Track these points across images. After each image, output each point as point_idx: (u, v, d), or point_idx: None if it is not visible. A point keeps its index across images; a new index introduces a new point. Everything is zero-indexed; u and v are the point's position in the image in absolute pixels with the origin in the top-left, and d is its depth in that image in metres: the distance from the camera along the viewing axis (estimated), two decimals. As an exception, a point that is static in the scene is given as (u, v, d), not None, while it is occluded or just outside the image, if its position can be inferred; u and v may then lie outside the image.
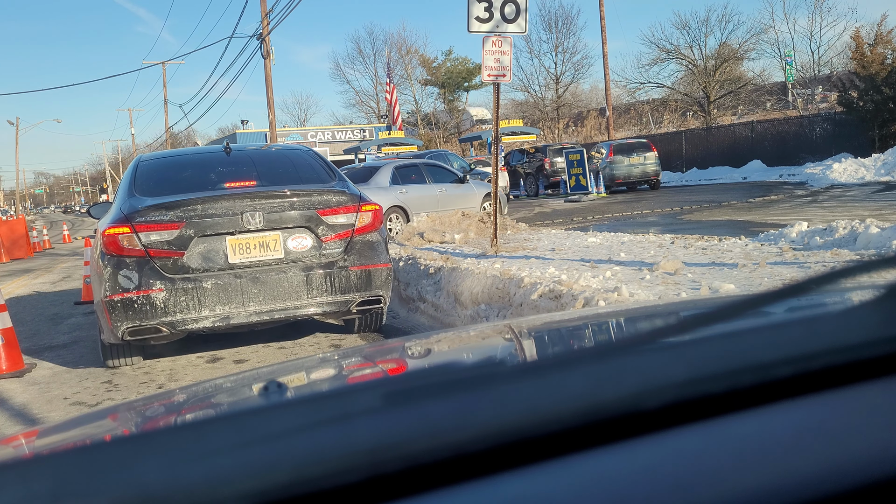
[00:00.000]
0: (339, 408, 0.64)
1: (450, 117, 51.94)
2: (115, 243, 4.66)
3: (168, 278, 4.66)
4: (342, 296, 4.97)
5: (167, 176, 5.32)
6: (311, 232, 4.96)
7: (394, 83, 36.35)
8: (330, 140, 40.02)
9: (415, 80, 53.34)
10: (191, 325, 4.70)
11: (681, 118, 38.57)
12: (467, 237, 8.85)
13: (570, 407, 0.61)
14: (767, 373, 0.66)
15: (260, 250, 4.86)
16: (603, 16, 27.84)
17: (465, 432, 0.57)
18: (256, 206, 4.83)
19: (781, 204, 13.78)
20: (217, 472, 0.54)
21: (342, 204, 5.05)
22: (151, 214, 4.71)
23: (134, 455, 0.57)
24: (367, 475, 0.54)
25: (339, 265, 4.98)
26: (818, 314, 0.92)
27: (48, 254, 19.54)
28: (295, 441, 0.57)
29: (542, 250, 7.37)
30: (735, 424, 0.61)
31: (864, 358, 0.68)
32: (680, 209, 14.63)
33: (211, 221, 4.76)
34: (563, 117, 45.12)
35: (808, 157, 21.94)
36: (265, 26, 23.34)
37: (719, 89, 36.10)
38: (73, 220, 62.37)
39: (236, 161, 5.50)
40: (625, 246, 7.23)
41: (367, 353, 1.67)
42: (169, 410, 1.17)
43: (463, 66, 52.99)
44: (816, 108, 30.19)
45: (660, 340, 0.75)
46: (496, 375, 0.69)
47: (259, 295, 4.79)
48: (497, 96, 7.33)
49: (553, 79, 46.09)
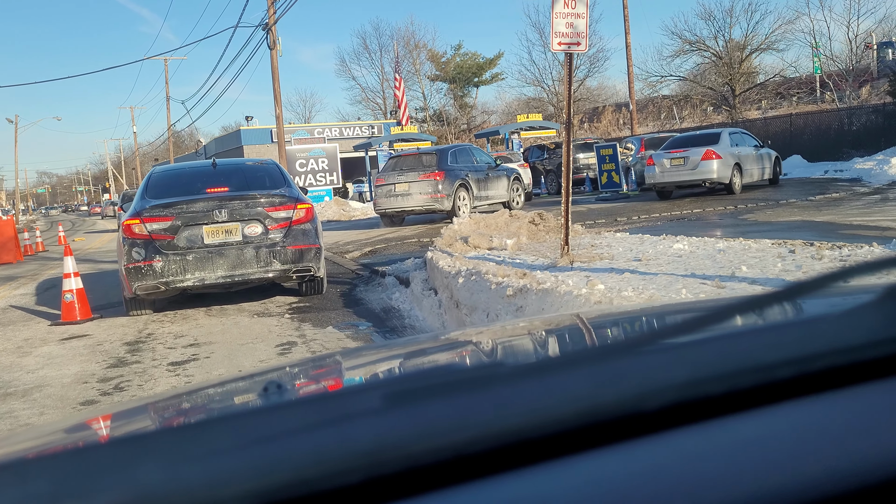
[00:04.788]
0: (339, 408, 0.65)
1: (460, 113, 50.49)
2: (131, 230, 6.86)
3: (164, 253, 6.77)
4: (282, 265, 7.00)
5: (169, 184, 7.55)
6: (260, 223, 7.00)
7: (401, 77, 34.89)
8: (337, 137, 38.61)
9: (423, 76, 51.91)
10: (178, 285, 6.84)
11: (702, 113, 37.04)
12: (520, 242, 7.44)
13: (570, 408, 0.61)
14: (768, 374, 0.66)
15: (225, 235, 6.93)
16: (626, 3, 26.34)
17: (465, 433, 0.58)
18: (223, 206, 6.96)
19: (849, 202, 12.41)
20: (217, 472, 0.54)
21: (284, 203, 7.11)
22: (154, 211, 6.89)
23: (133, 455, 0.58)
24: (367, 476, 0.54)
25: (280, 245, 6.99)
26: (819, 315, 0.92)
27: (40, 258, 18.09)
28: (294, 442, 0.57)
29: (624, 260, 5.94)
30: (736, 426, 0.61)
31: (865, 359, 0.68)
32: (734, 207, 13.20)
33: (192, 215, 6.89)
34: (577, 113, 43.65)
35: (854, 152, 20.48)
36: (271, 15, 21.97)
37: (745, 82, 34.49)
38: (73, 219, 61.19)
39: (218, 173, 7.71)
40: (728, 255, 5.79)
41: (367, 354, 1.66)
42: (168, 411, 1.17)
43: (473, 60, 51.58)
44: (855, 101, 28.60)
45: (660, 341, 0.75)
46: (496, 376, 0.69)
47: (224, 264, 6.87)
48: (570, 70, 5.93)
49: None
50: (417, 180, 14.90)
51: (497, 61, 49.99)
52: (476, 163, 16.04)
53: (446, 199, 14.79)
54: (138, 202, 7.13)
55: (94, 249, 19.22)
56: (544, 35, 44.34)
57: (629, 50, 26.44)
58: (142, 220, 6.79)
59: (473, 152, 16.44)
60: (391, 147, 27.11)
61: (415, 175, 14.98)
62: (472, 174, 15.50)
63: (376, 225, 16.92)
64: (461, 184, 15.08)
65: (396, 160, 15.91)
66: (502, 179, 16.59)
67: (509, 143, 27.27)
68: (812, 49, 35.33)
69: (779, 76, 35.82)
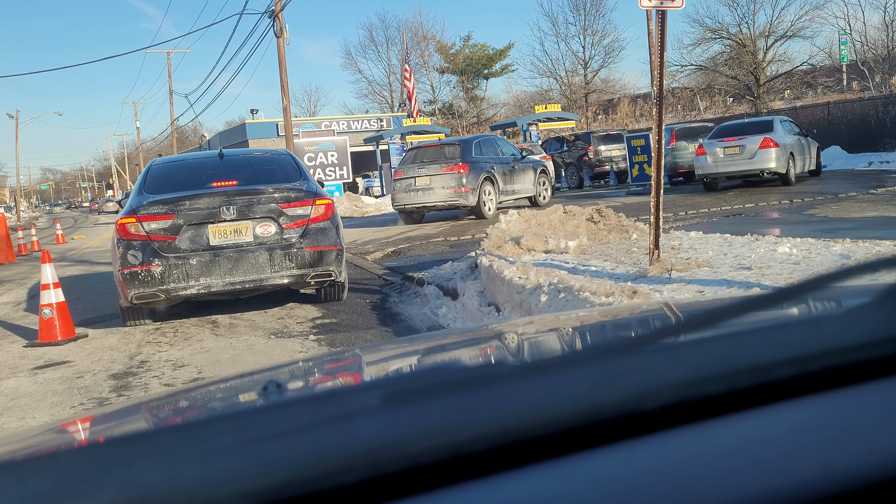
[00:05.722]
0: (339, 408, 0.65)
1: (469, 106, 49.26)
2: (126, 230, 5.98)
3: (164, 256, 5.91)
4: (299, 270, 6.12)
5: (170, 177, 6.64)
6: (274, 221, 6.13)
7: (411, 67, 33.65)
8: (345, 130, 37.44)
9: (431, 68, 50.70)
10: (181, 292, 5.95)
11: (722, 104, 35.68)
12: (581, 244, 6.29)
13: (569, 407, 0.61)
14: (767, 374, 0.66)
15: (234, 235, 6.08)
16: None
17: (465, 433, 0.57)
18: (231, 202, 6.06)
19: (918, 196, 11.23)
20: (216, 472, 0.54)
21: (300, 199, 6.23)
22: (151, 208, 6.01)
23: (133, 455, 0.57)
24: (367, 475, 0.53)
25: (296, 247, 6.12)
26: (818, 315, 0.92)
27: (35, 258, 16.89)
28: (294, 441, 0.57)
29: (729, 268, 4.83)
30: (735, 425, 0.61)
31: (865, 359, 0.68)
32: (790, 202, 12.03)
33: (196, 213, 6.01)
34: (591, 105, 42.39)
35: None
36: (278, 1, 20.83)
37: (769, 71, 33.08)
38: (76, 216, 60.16)
39: (225, 164, 6.83)
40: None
41: (367, 353, 1.64)
42: (168, 410, 1.16)
43: (483, 52, 50.39)
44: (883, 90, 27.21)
45: (660, 341, 0.75)
46: (496, 376, 0.69)
47: (233, 269, 5.99)
48: (663, 31, 4.76)
49: (581, 63, 43.34)
50: (440, 173, 13.74)
51: (507, 52, 48.83)
52: (501, 154, 14.93)
53: (471, 193, 13.64)
54: (135, 198, 6.31)
55: (91, 248, 18.04)
56: (557, 24, 43.07)
57: (650, 37, 25.21)
58: (138, 219, 5.98)
59: (498, 143, 15.31)
60: (403, 139, 25.96)
61: (437, 168, 13.83)
62: (497, 166, 14.37)
63: (392, 222, 15.79)
64: (486, 177, 13.94)
65: (416, 152, 14.74)
66: (528, 172, 15.48)
67: (527, 134, 26.08)
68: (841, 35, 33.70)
69: (807, 64, 34.32)
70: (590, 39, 42.94)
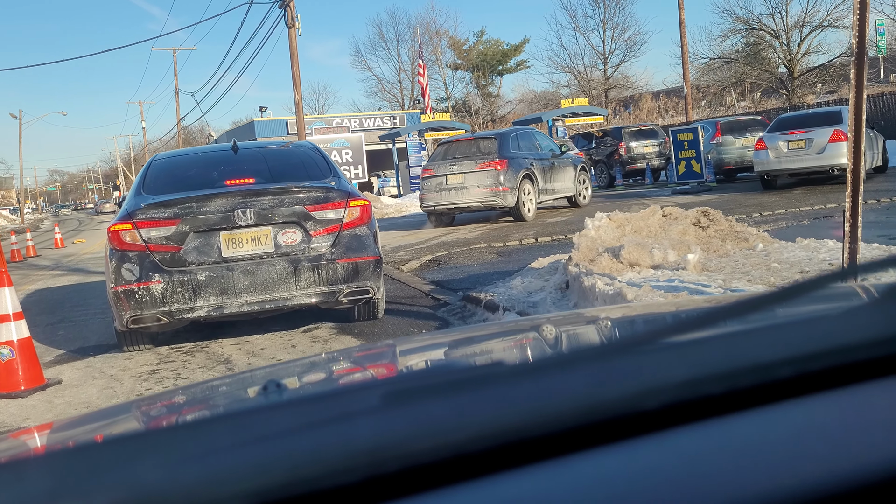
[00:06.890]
0: (339, 407, 0.64)
1: (483, 103, 47.78)
2: (120, 238, 5.02)
3: (166, 271, 4.97)
4: (330, 287, 5.18)
5: (174, 174, 5.64)
6: (300, 227, 5.19)
7: (424, 62, 32.19)
8: (357, 128, 36.02)
9: (444, 65, 49.24)
10: (187, 315, 5.00)
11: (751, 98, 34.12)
12: (700, 258, 4.85)
13: (570, 407, 0.60)
14: (768, 373, 0.65)
15: (252, 244, 5.13)
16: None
17: (465, 432, 0.57)
18: (248, 203, 5.09)
19: None
20: (216, 471, 0.53)
21: (331, 200, 5.26)
22: (151, 212, 5.04)
23: (132, 455, 0.57)
24: (367, 475, 0.53)
25: (326, 258, 5.18)
26: (819, 315, 0.90)
27: (28, 265, 15.53)
28: (294, 441, 0.56)
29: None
30: (735, 425, 0.60)
31: (865, 359, 0.67)
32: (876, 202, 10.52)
33: (205, 218, 5.05)
34: (612, 100, 40.89)
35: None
36: (291, -12, 19.49)
37: (804, 63, 31.48)
38: (81, 218, 58.95)
39: (241, 159, 5.77)
40: None
41: (367, 353, 1.62)
42: (168, 410, 1.14)
43: (496, 47, 48.98)
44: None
45: (660, 341, 0.74)
46: (496, 375, 0.68)
47: (250, 286, 5.04)
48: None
49: (601, 58, 41.81)
50: (474, 171, 12.34)
51: (522, 48, 47.47)
52: (539, 149, 13.58)
53: (509, 192, 12.22)
54: (131, 199, 5.32)
55: (90, 254, 16.53)
56: (576, 18, 41.65)
57: (683, 27, 23.74)
58: (135, 225, 4.99)
59: (536, 136, 13.95)
60: (421, 136, 24.55)
61: (471, 164, 12.42)
62: (536, 163, 12.99)
63: (418, 224, 14.39)
64: (526, 174, 12.54)
65: (447, 147, 13.35)
66: (569, 169, 14.15)
67: (552, 130, 24.64)
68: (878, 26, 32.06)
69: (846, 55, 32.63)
70: (610, 33, 41.50)
